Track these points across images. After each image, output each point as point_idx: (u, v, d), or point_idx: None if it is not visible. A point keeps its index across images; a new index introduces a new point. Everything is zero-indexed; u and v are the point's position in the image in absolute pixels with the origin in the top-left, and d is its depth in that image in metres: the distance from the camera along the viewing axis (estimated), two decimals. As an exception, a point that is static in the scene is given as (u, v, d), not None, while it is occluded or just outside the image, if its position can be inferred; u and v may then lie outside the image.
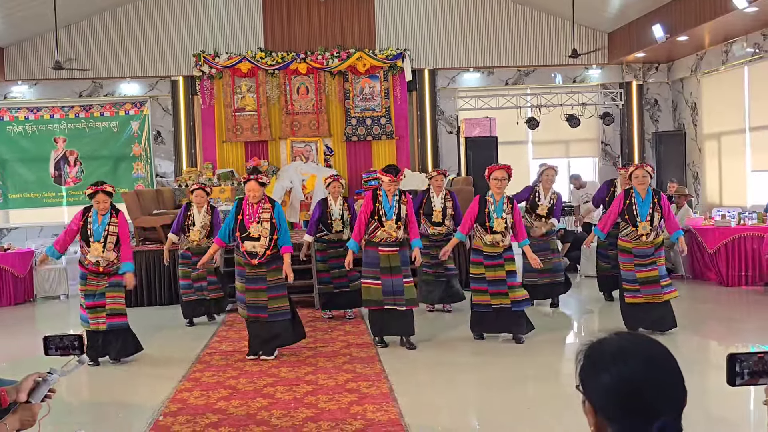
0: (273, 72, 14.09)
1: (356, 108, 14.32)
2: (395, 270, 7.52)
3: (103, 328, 7.23)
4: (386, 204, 7.57)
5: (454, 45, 14.65)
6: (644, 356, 1.54)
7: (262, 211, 7.27)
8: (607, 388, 1.52)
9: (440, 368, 6.90)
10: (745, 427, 5.23)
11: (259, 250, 7.21)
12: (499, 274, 7.57)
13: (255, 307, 7.29)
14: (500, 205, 7.59)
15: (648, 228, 7.61)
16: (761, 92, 12.41)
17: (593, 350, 1.59)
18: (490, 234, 7.56)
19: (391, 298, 7.52)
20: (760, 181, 12.67)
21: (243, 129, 14.12)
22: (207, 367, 7.05)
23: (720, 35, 12.49)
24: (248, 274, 7.27)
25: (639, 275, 7.65)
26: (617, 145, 15.28)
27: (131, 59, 14.28)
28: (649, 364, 1.53)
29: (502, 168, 7.65)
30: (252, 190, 7.30)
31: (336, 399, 5.85)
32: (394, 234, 7.54)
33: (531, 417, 5.54)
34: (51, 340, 2.46)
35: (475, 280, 7.71)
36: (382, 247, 7.56)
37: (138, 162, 14.47)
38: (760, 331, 8.37)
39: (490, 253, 7.60)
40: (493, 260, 7.59)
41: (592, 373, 1.57)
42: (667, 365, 1.55)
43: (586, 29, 14.58)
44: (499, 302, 7.57)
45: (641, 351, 1.55)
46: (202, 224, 9.26)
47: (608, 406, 1.53)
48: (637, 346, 1.56)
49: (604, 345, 1.58)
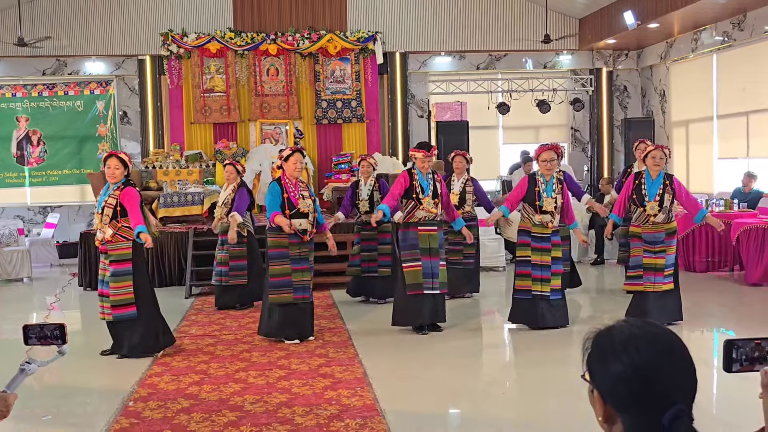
0: (242, 53, 13.89)
1: (327, 90, 14.19)
2: (434, 252, 7.36)
3: (110, 318, 6.70)
4: (422, 180, 7.42)
5: (426, 28, 14.57)
6: (656, 344, 1.49)
7: (302, 189, 7.14)
8: (618, 376, 1.48)
9: (415, 352, 6.87)
10: (731, 414, 5.28)
11: (307, 226, 7.08)
12: (545, 258, 7.38)
13: (302, 289, 7.11)
14: (550, 185, 7.44)
15: (656, 208, 7.33)
16: (729, 80, 12.54)
17: (602, 338, 1.54)
18: (540, 214, 7.39)
19: (429, 282, 7.34)
20: (726, 168, 12.84)
21: (212, 110, 13.92)
22: (177, 352, 6.94)
23: (690, 23, 12.58)
24: (292, 254, 7.06)
25: (645, 261, 7.39)
26: (587, 131, 15.36)
27: (96, 37, 13.96)
28: (661, 352, 1.48)
29: (551, 149, 7.46)
30: (297, 163, 7.08)
31: (310, 384, 5.79)
32: (433, 210, 7.40)
33: (507, 402, 5.54)
34: (31, 329, 2.36)
35: (519, 264, 7.53)
36: (422, 226, 7.38)
37: (103, 142, 14.18)
38: (727, 316, 8.49)
39: (538, 234, 7.41)
40: (541, 243, 7.40)
41: (601, 362, 1.52)
42: (679, 353, 1.50)
43: (557, 15, 14.59)
44: (539, 289, 7.38)
45: (653, 338, 1.50)
46: (223, 201, 8.99)
47: (618, 395, 1.49)
48: (649, 333, 1.51)
49: (613, 332, 1.53)
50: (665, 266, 7.41)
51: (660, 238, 7.39)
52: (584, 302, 9.37)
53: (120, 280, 6.61)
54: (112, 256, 6.63)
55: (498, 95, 14.47)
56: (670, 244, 7.42)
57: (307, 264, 7.16)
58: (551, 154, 7.41)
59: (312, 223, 7.15)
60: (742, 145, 12.25)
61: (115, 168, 6.57)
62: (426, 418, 5.18)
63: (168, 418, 5.08)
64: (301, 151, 7.27)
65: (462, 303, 9.06)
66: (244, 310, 8.86)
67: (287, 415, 5.06)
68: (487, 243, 11.15)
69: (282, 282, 7.06)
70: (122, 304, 6.62)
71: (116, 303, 6.62)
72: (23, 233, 12.46)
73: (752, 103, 11.87)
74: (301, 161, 7.15)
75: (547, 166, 7.40)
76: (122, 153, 6.80)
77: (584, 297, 9.65)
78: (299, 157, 7.14)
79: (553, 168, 7.43)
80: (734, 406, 5.23)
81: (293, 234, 7.00)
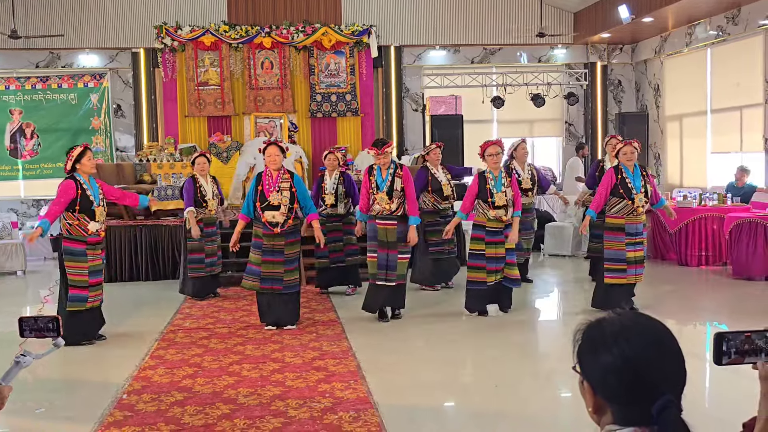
0: (237, 46, 13.86)
1: (321, 84, 14.17)
2: (391, 245, 7.53)
3: (98, 304, 7.08)
4: (379, 177, 7.61)
5: (421, 22, 14.55)
6: (646, 335, 1.51)
7: (282, 181, 7.25)
8: (608, 368, 1.49)
9: (409, 345, 6.89)
10: (706, 403, 5.31)
11: (279, 219, 7.18)
12: (499, 251, 7.64)
13: (271, 279, 7.27)
14: (499, 180, 7.65)
15: (644, 200, 7.57)
16: (723, 75, 12.56)
17: (593, 329, 1.56)
18: (494, 209, 7.58)
19: (383, 273, 7.54)
20: (719, 162, 12.87)
21: (206, 103, 13.89)
22: (170, 345, 6.94)
23: (684, 17, 12.59)
24: (266, 245, 7.23)
25: (629, 254, 7.56)
26: (581, 126, 15.37)
27: (90, 30, 13.91)
28: (651, 344, 1.50)
29: (495, 143, 7.73)
30: (272, 155, 7.23)
31: (303, 377, 5.80)
32: (387, 206, 7.53)
33: (499, 395, 5.56)
34: (26, 322, 2.37)
35: (473, 257, 7.73)
36: (379, 220, 7.58)
37: (97, 136, 14.15)
38: (719, 309, 8.53)
39: (493, 228, 7.63)
40: (495, 236, 7.63)
41: (591, 353, 1.53)
42: (668, 345, 1.52)
43: (552, 9, 14.58)
44: (494, 279, 7.68)
45: (643, 330, 1.52)
46: (213, 193, 9.12)
47: (609, 386, 1.50)
48: (639, 325, 1.53)
49: (604, 324, 1.55)
50: (644, 258, 7.72)
51: (640, 228, 7.67)
52: (577, 294, 9.40)
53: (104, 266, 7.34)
54: (102, 244, 7.16)
55: (492, 89, 14.47)
56: (644, 236, 7.78)
57: (281, 257, 7.27)
58: (496, 149, 7.66)
59: (285, 215, 7.23)
60: (736, 140, 12.29)
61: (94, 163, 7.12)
62: (419, 410, 5.20)
63: (162, 410, 5.09)
64: (277, 143, 7.37)
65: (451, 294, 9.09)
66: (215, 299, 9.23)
67: (281, 408, 5.07)
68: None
69: (252, 270, 7.35)
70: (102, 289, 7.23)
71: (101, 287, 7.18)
72: (17, 226, 12.43)
73: (746, 97, 11.89)
74: (276, 153, 7.25)
75: (493, 160, 7.64)
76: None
77: (577, 288, 9.69)
78: (275, 150, 7.26)
79: (499, 162, 7.68)
80: (726, 400, 5.25)
81: (265, 225, 7.22)
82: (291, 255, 7.37)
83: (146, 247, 10.71)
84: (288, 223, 7.26)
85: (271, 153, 7.27)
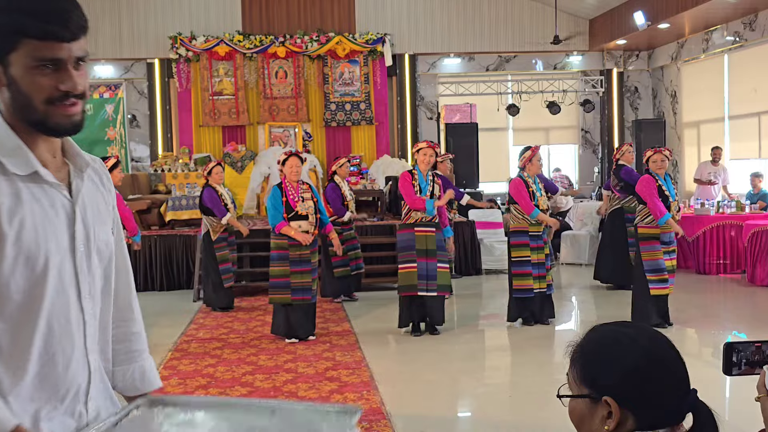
0: (251, 55, 13.90)
1: (335, 93, 14.17)
2: (431, 253, 7.34)
3: None
4: (421, 180, 7.40)
5: (435, 30, 14.53)
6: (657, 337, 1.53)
7: (303, 191, 7.22)
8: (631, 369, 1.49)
9: (422, 355, 6.83)
10: (726, 415, 5.21)
11: (308, 228, 7.15)
12: (541, 257, 7.59)
13: (302, 290, 7.17)
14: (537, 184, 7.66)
15: (678, 207, 7.52)
16: (741, 81, 12.44)
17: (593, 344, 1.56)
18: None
19: (424, 283, 7.32)
20: (738, 169, 12.73)
21: (220, 113, 13.92)
22: (184, 355, 6.93)
23: (701, 23, 12.49)
24: (292, 256, 7.14)
25: (667, 263, 7.39)
26: (597, 133, 15.28)
27: (105, 41, 13.99)
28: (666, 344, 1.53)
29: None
30: (294, 167, 7.20)
31: (316, 387, 5.76)
32: None
33: (513, 406, 5.49)
34: None
35: (518, 264, 7.57)
36: (419, 228, 7.37)
37: (113, 146, 14.21)
38: (738, 318, 8.40)
39: (535, 233, 7.57)
40: (538, 242, 7.59)
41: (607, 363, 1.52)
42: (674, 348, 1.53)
43: (567, 15, 14.52)
44: (539, 286, 7.59)
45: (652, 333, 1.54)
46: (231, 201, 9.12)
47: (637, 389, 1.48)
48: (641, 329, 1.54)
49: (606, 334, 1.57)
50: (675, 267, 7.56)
51: (672, 236, 7.47)
52: (593, 304, 9.30)
53: None
54: None
55: (507, 97, 14.42)
56: (675, 244, 7.56)
57: (309, 266, 7.20)
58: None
59: (313, 224, 7.21)
60: (754, 146, 12.14)
61: None
62: (432, 421, 5.14)
63: (173, 422, 5.05)
64: (298, 155, 7.33)
65: (464, 304, 9.02)
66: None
67: (293, 419, 5.02)
68: (495, 246, 11.09)
69: (281, 283, 7.18)
70: None
71: None
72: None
73: (764, 103, 11.76)
74: (298, 165, 7.22)
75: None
76: None
77: (594, 297, 9.59)
78: (296, 161, 7.22)
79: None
80: (745, 409, 5.15)
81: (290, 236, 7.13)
82: (315, 264, 7.34)
83: (160, 257, 10.71)
84: (315, 232, 7.25)
85: (292, 165, 7.20)
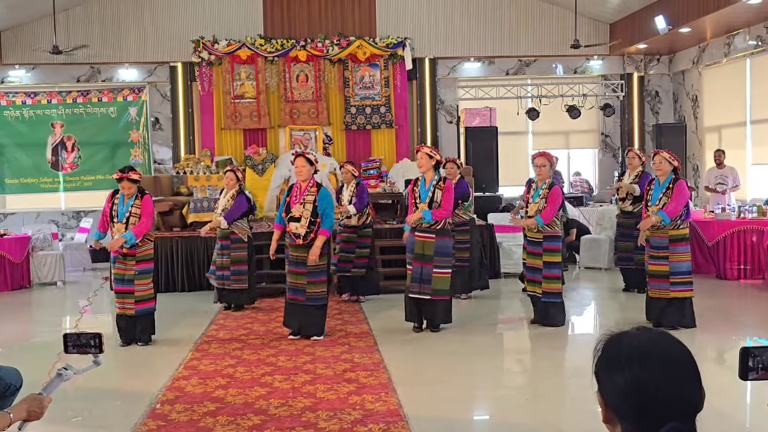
0: (272, 59, 14.01)
1: (356, 96, 14.25)
2: (427, 258, 7.48)
3: (131, 313, 7.33)
4: (422, 188, 7.58)
5: (455, 34, 14.57)
6: (663, 359, 1.50)
7: (307, 194, 7.33)
8: (620, 389, 1.49)
9: (440, 358, 6.87)
10: (747, 422, 5.21)
11: (300, 230, 7.26)
12: (537, 262, 7.67)
13: (294, 290, 7.41)
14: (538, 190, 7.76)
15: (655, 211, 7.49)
16: (763, 85, 12.35)
17: (611, 346, 1.56)
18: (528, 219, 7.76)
19: (417, 286, 7.50)
20: (760, 174, 12.64)
21: (242, 116, 14.04)
22: (204, 356, 7.02)
23: (722, 27, 12.42)
24: (291, 256, 7.40)
25: (649, 267, 7.51)
26: (617, 137, 15.22)
27: (129, 45, 14.18)
28: (666, 368, 1.49)
29: (542, 155, 7.81)
30: (299, 167, 7.34)
31: (334, 389, 5.82)
32: None
33: (531, 409, 5.51)
34: (70, 338, 2.43)
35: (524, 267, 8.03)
36: (418, 232, 7.54)
37: (136, 148, 14.39)
38: (759, 324, 8.35)
39: (533, 239, 7.76)
40: (535, 247, 7.72)
41: (606, 370, 1.53)
42: (684, 368, 1.51)
43: (588, 20, 14.50)
44: (533, 290, 7.75)
45: (661, 353, 1.51)
46: (223, 208, 9.18)
47: (618, 404, 1.51)
48: (658, 347, 1.52)
49: (622, 341, 1.55)
50: (670, 273, 7.37)
51: (664, 243, 7.39)
52: (612, 308, 9.28)
53: (145, 278, 7.36)
54: (139, 257, 7.29)
55: (527, 101, 14.42)
56: (675, 251, 7.38)
57: (304, 268, 7.34)
58: (542, 160, 7.76)
59: (305, 227, 7.29)
60: (776, 151, 12.06)
61: (128, 188, 7.28)
62: (449, 423, 5.17)
63: (194, 420, 5.14)
64: (304, 155, 7.44)
65: (483, 307, 9.04)
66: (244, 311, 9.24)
67: (311, 420, 5.09)
68: (513, 249, 11.10)
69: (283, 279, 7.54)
70: (144, 299, 7.34)
71: (139, 298, 7.31)
72: (57, 237, 12.67)
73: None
74: (303, 165, 7.34)
75: (539, 171, 7.81)
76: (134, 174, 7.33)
77: (612, 302, 9.56)
78: (301, 161, 7.36)
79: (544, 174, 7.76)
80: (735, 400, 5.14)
81: (290, 236, 7.37)
82: (315, 267, 7.35)
83: (182, 259, 10.84)
84: (310, 235, 7.29)
85: (298, 165, 7.37)
